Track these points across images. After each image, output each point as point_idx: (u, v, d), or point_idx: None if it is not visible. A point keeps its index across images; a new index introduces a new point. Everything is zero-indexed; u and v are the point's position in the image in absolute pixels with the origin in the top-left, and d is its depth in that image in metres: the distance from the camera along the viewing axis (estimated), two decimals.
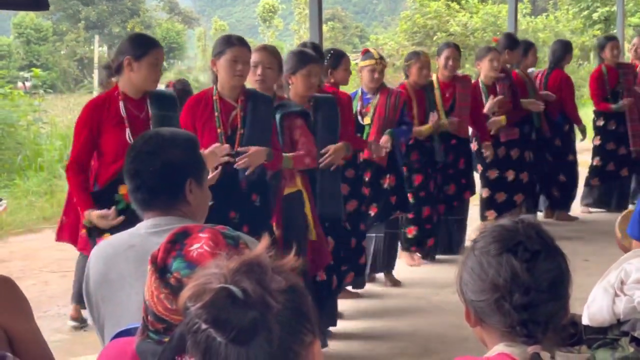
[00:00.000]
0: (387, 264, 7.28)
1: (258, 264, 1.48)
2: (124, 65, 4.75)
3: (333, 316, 5.99)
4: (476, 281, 1.96)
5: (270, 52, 5.36)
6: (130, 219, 2.69)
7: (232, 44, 4.91)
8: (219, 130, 4.90)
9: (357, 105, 7.03)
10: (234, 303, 1.41)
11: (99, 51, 44.91)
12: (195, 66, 52.33)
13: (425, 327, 6.04)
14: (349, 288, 6.76)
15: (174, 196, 2.56)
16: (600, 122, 9.91)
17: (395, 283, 7.23)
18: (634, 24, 32.32)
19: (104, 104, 4.79)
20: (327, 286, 5.76)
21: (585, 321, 2.88)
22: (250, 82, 5.34)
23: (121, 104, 4.77)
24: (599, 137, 9.98)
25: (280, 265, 1.49)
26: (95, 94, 31.90)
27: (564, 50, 9.63)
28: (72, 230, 5.92)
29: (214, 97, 4.95)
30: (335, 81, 6.64)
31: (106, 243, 2.56)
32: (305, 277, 5.51)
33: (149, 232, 2.51)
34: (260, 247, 1.53)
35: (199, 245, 1.88)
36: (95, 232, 4.68)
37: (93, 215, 4.56)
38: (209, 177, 4.45)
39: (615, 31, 21.79)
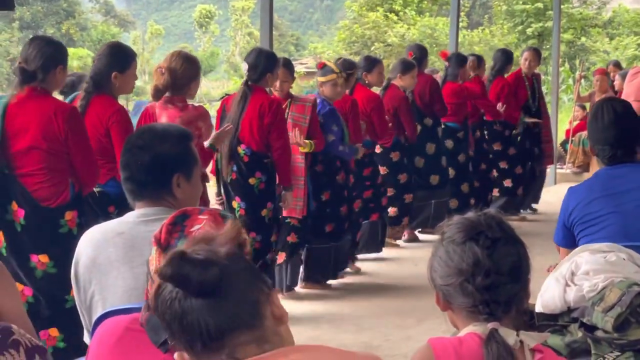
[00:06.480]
0: None
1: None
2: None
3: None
4: (443, 267, 2.18)
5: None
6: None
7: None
8: None
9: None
10: (191, 262, 1.62)
11: None
12: None
13: (369, 327, 6.21)
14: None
15: (161, 189, 2.67)
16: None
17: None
18: (566, 40, 33.11)
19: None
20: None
21: (538, 308, 3.13)
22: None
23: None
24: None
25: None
26: None
27: (505, 59, 9.96)
28: None
29: None
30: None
31: (96, 229, 2.68)
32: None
33: (137, 221, 2.65)
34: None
35: (200, 226, 2.04)
36: None
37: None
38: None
39: (549, 46, 22.25)
